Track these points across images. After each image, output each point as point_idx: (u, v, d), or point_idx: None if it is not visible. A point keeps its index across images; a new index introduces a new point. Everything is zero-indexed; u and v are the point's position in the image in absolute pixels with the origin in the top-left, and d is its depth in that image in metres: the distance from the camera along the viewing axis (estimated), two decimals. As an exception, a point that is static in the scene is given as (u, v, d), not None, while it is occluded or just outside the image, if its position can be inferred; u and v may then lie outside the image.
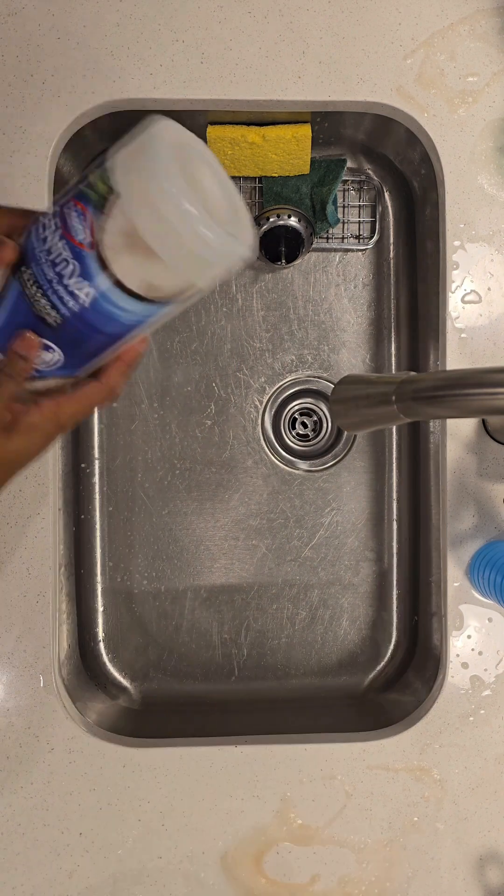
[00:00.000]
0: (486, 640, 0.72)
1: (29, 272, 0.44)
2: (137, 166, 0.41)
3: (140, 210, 0.41)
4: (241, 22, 0.71)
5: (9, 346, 0.45)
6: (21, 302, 0.45)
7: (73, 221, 0.43)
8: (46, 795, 0.69)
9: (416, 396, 0.51)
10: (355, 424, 0.58)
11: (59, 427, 0.48)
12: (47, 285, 0.43)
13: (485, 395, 0.47)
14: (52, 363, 0.46)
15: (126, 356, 0.49)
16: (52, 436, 0.49)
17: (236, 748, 0.70)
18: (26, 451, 0.48)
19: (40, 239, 0.44)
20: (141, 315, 0.45)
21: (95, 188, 0.43)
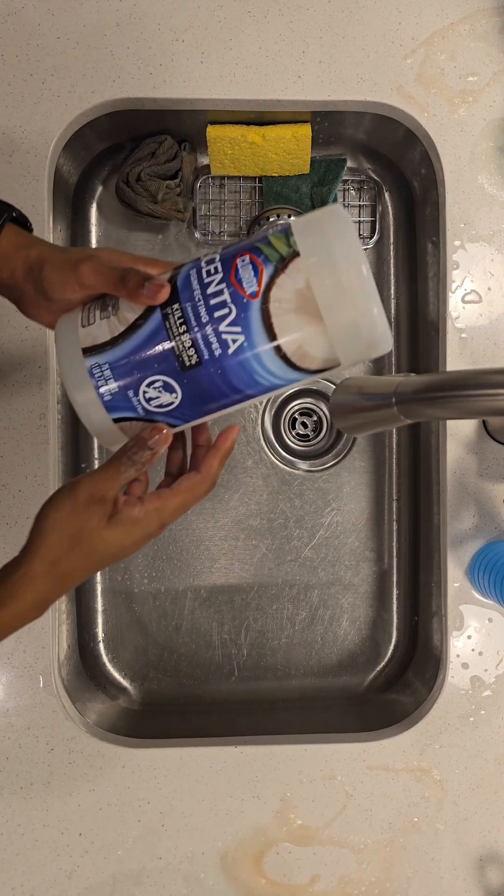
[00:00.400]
0: (487, 641, 0.72)
1: (179, 310, 0.44)
2: (322, 233, 0.43)
3: (320, 272, 0.42)
4: (241, 21, 0.71)
5: (142, 435, 0.46)
6: (160, 336, 0.44)
7: (244, 272, 0.43)
8: (46, 796, 0.69)
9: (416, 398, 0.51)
10: (356, 427, 0.58)
11: (161, 524, 0.47)
12: (198, 326, 0.43)
13: (485, 396, 0.47)
14: (165, 406, 0.45)
15: (222, 444, 0.49)
16: (152, 533, 0.48)
17: (236, 748, 0.70)
18: (122, 544, 0.47)
19: (201, 282, 0.44)
20: (275, 380, 0.45)
21: (274, 246, 0.43)
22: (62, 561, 0.46)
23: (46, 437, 0.70)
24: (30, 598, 0.46)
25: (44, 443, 0.70)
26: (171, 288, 0.44)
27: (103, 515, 0.46)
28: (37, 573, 0.46)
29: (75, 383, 0.45)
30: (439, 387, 0.50)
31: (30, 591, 0.46)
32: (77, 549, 0.46)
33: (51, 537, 0.46)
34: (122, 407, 0.45)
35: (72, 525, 0.46)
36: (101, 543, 0.46)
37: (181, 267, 0.46)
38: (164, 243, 0.81)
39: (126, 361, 0.44)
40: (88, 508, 0.46)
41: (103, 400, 0.45)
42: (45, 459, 0.70)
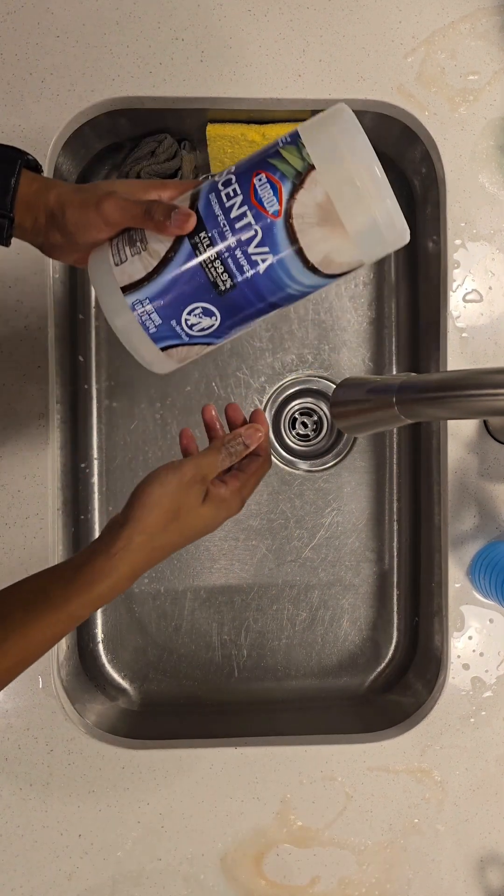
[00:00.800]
0: (488, 641, 0.71)
1: (207, 238, 0.45)
2: (333, 142, 0.44)
3: (337, 182, 0.43)
4: (241, 20, 0.70)
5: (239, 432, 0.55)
6: (193, 266, 0.46)
7: (263, 192, 0.44)
8: (45, 797, 0.69)
9: (417, 398, 0.51)
10: (356, 427, 0.58)
11: (241, 501, 0.54)
12: (227, 252, 0.45)
13: (485, 396, 0.47)
14: (206, 328, 0.48)
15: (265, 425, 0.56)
16: (234, 511, 0.54)
17: (236, 749, 0.70)
18: (212, 520, 0.53)
19: (223, 207, 0.45)
20: (307, 287, 0.47)
21: (288, 161, 0.45)
22: (160, 535, 0.50)
23: (46, 438, 0.70)
24: (126, 570, 0.49)
25: (43, 443, 0.70)
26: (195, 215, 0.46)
27: (201, 494, 0.52)
28: (135, 545, 0.49)
29: (122, 323, 0.48)
30: (440, 387, 0.50)
31: (128, 562, 0.49)
32: (175, 524, 0.51)
33: (154, 511, 0.50)
34: (168, 336, 0.48)
35: (175, 501, 0.50)
36: (197, 519, 0.52)
37: (198, 190, 0.47)
38: (164, 243, 0.81)
39: (165, 294, 0.47)
40: (192, 487, 0.51)
41: (150, 333, 0.48)
42: (44, 459, 0.70)
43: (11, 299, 0.69)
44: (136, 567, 0.49)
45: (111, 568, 0.48)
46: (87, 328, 0.81)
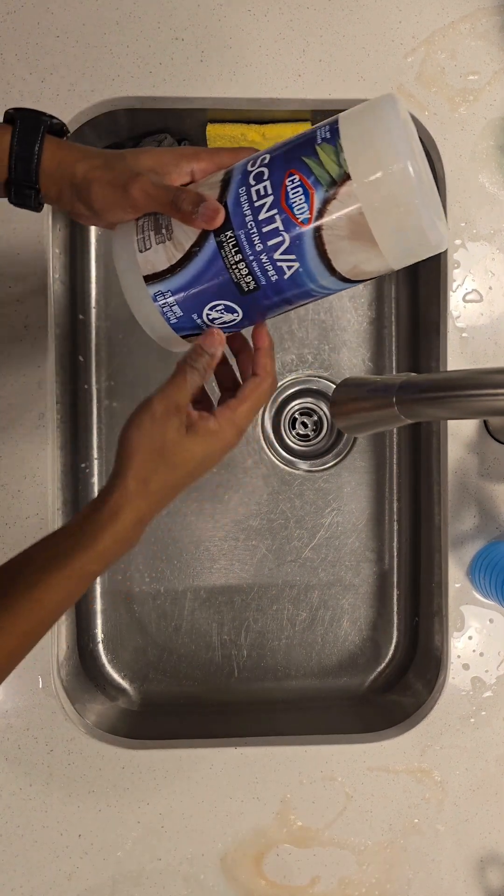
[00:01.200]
0: (488, 641, 0.71)
1: (233, 239, 0.44)
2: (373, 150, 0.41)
3: (372, 200, 0.41)
4: (241, 20, 0.70)
5: (198, 343, 0.48)
6: (217, 265, 0.45)
7: (294, 196, 0.42)
8: (45, 797, 0.69)
9: (417, 398, 0.51)
10: (356, 427, 0.58)
11: (237, 430, 0.50)
12: (253, 255, 0.44)
13: (485, 396, 0.47)
14: (227, 322, 0.48)
15: (263, 343, 0.51)
16: (230, 442, 0.50)
17: (236, 749, 0.70)
18: (204, 453, 0.49)
19: (252, 206, 0.43)
20: (332, 289, 0.47)
21: (325, 166, 0.42)
22: (152, 477, 0.48)
23: (45, 437, 0.70)
24: (129, 517, 0.47)
25: (43, 443, 0.70)
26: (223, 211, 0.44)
27: (181, 425, 0.48)
28: (131, 492, 0.47)
29: (143, 313, 0.47)
30: (440, 387, 0.50)
31: (128, 510, 0.47)
32: (164, 462, 0.48)
33: (138, 455, 0.48)
34: (188, 327, 0.48)
35: (155, 439, 0.48)
36: (186, 453, 0.48)
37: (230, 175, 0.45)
38: (164, 243, 0.81)
39: (188, 289, 0.46)
40: (167, 419, 0.48)
41: (170, 323, 0.48)
42: (43, 459, 0.70)
43: (11, 299, 0.69)
44: (140, 513, 0.48)
45: (112, 516, 0.47)
46: (87, 328, 0.81)
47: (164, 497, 0.49)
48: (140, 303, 0.47)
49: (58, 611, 0.47)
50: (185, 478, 0.49)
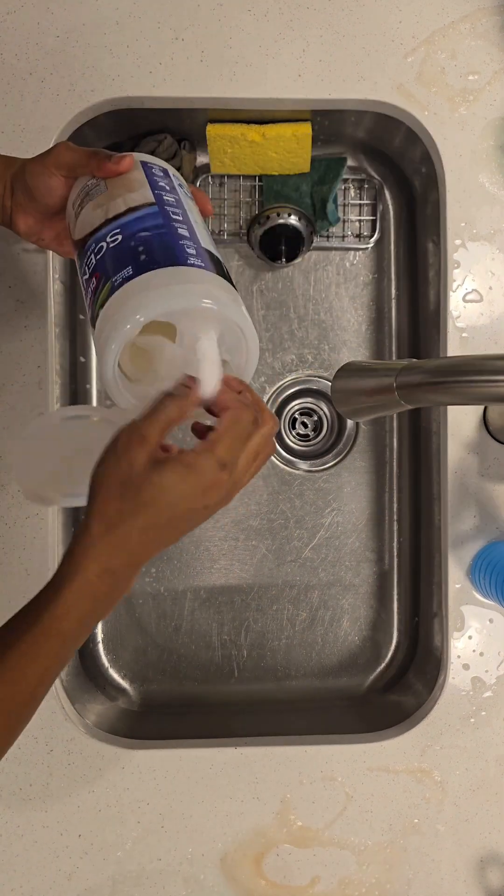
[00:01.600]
0: (488, 641, 0.71)
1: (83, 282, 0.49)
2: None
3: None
4: (241, 20, 0.70)
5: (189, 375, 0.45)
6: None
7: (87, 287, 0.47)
8: (45, 797, 0.69)
9: (417, 383, 0.50)
10: (357, 411, 0.57)
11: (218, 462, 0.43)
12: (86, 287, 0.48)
13: (486, 382, 0.47)
14: None
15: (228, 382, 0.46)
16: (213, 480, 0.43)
17: (236, 749, 0.70)
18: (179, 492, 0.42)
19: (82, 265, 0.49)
20: None
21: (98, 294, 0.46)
22: (117, 518, 0.42)
23: (46, 437, 0.70)
24: (92, 567, 0.42)
25: (43, 443, 0.70)
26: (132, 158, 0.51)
27: (148, 457, 0.42)
28: (94, 538, 0.42)
29: None
30: (440, 372, 0.50)
31: (91, 559, 0.42)
32: (128, 500, 0.42)
33: (100, 495, 0.43)
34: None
35: (117, 473, 0.42)
36: (153, 488, 0.42)
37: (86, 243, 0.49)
38: (164, 242, 0.81)
39: None
40: (129, 451, 0.42)
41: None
42: (44, 459, 0.70)
43: (11, 299, 0.69)
44: (104, 562, 0.42)
45: (75, 567, 0.42)
46: (86, 328, 0.81)
47: (136, 542, 0.43)
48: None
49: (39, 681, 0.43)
50: (157, 519, 0.43)
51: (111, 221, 0.47)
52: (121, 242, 0.46)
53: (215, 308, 0.43)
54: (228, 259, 0.82)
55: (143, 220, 0.46)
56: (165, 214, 0.47)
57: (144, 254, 0.44)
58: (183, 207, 0.50)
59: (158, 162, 0.53)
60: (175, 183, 0.52)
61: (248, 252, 0.81)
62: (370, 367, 0.57)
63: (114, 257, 0.45)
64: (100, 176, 0.50)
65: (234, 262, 0.82)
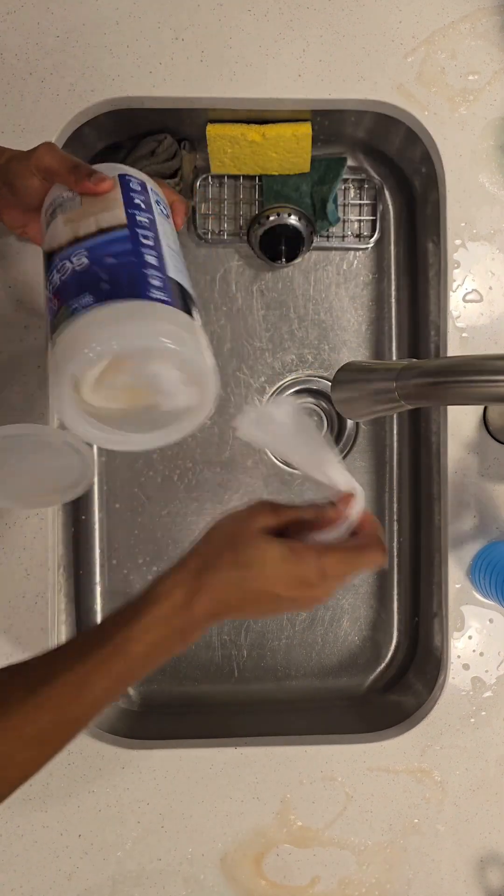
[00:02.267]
0: (488, 641, 0.71)
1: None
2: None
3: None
4: (241, 20, 0.70)
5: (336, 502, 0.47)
6: None
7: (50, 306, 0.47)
8: (45, 797, 0.69)
9: (417, 383, 0.50)
10: (357, 411, 0.58)
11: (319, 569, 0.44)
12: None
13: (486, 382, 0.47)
14: None
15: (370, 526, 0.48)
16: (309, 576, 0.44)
17: (236, 749, 0.70)
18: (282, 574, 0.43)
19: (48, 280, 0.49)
20: None
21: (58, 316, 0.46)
22: (214, 563, 0.44)
23: (46, 437, 0.70)
24: (178, 595, 0.43)
25: (43, 443, 0.70)
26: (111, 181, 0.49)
27: (265, 526, 0.45)
28: (187, 572, 0.44)
29: None
30: (440, 372, 0.50)
31: (177, 589, 0.43)
32: (230, 551, 0.44)
33: (211, 537, 0.45)
34: None
35: (234, 526, 0.45)
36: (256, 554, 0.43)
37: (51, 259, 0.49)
38: (164, 242, 0.81)
39: None
40: (253, 515, 0.45)
41: None
42: (44, 459, 0.70)
43: (11, 299, 0.69)
44: (188, 595, 0.43)
45: (161, 593, 0.43)
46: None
47: (221, 592, 0.44)
48: None
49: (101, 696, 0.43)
50: (248, 583, 0.44)
51: (79, 241, 0.46)
52: (86, 267, 0.45)
53: (174, 348, 0.43)
54: (228, 259, 0.82)
55: (111, 245, 0.46)
56: (135, 239, 0.46)
57: (107, 283, 0.44)
58: (155, 229, 0.49)
59: (138, 175, 0.52)
60: (152, 199, 0.51)
61: (248, 252, 0.81)
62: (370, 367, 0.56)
63: (77, 282, 0.45)
64: (77, 192, 0.49)
65: (234, 262, 0.82)
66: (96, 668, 0.42)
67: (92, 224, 0.47)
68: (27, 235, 0.56)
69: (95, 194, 0.49)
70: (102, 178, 0.49)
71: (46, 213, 0.51)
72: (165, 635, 0.43)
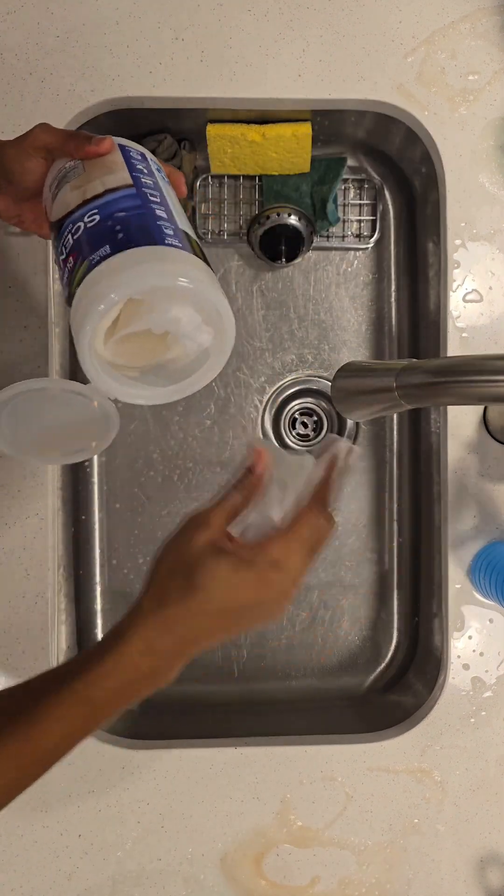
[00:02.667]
0: (488, 641, 0.71)
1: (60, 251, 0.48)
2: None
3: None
4: (241, 20, 0.70)
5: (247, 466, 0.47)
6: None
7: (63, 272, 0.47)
8: (45, 797, 0.69)
9: (417, 383, 0.50)
10: (357, 411, 0.58)
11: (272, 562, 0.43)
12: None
13: (485, 382, 0.47)
14: None
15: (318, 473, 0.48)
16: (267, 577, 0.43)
17: (236, 749, 0.70)
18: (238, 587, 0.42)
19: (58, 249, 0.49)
20: None
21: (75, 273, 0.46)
22: (168, 598, 0.42)
23: (46, 437, 0.70)
24: (136, 641, 0.42)
25: (43, 443, 0.70)
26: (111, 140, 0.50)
27: (208, 542, 0.43)
28: (143, 613, 0.42)
29: None
30: (440, 372, 0.50)
31: (135, 633, 0.42)
32: (183, 580, 0.42)
33: (158, 572, 0.44)
34: None
35: (176, 553, 0.44)
36: (208, 573, 0.42)
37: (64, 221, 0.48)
38: (164, 242, 0.81)
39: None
40: (194, 533, 0.44)
41: None
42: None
43: (11, 299, 0.69)
44: (149, 639, 0.42)
45: (118, 639, 0.42)
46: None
47: (184, 626, 0.42)
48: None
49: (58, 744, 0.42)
50: (208, 605, 0.42)
51: (88, 202, 0.47)
52: (98, 222, 0.45)
53: (191, 287, 0.43)
54: (228, 259, 0.82)
55: (121, 202, 0.46)
56: (143, 196, 0.47)
57: (122, 233, 0.44)
58: (161, 190, 0.49)
59: (136, 146, 0.53)
60: (153, 167, 0.52)
61: (248, 252, 0.81)
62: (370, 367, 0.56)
63: (91, 237, 0.45)
64: (78, 157, 0.49)
65: (234, 262, 0.82)
66: (54, 712, 0.41)
67: (98, 186, 0.47)
68: (22, 225, 0.55)
69: (98, 155, 0.49)
70: (101, 140, 0.49)
71: (52, 187, 0.50)
72: (129, 681, 0.42)
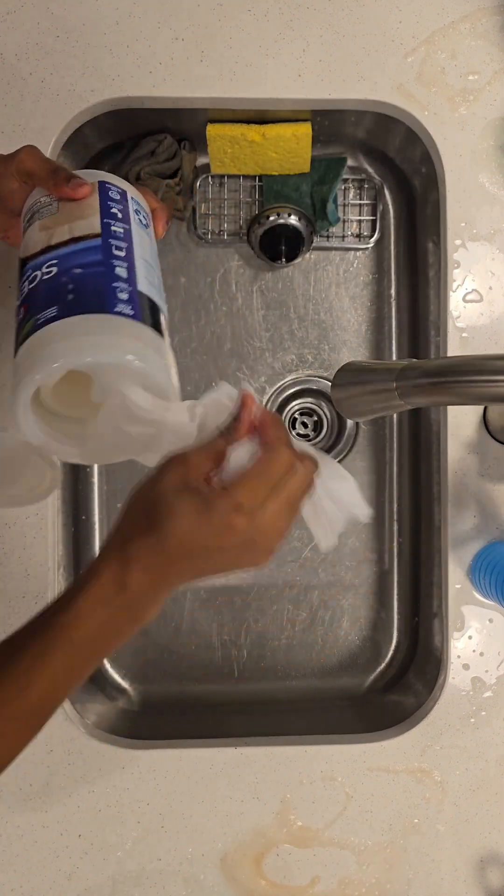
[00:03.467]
0: (488, 641, 0.71)
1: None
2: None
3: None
4: (241, 20, 0.70)
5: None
6: None
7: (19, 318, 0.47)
8: (45, 797, 0.69)
9: (417, 383, 0.50)
10: (357, 411, 0.58)
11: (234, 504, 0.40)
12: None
13: (485, 382, 0.47)
14: None
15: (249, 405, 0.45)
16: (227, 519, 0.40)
17: (236, 749, 0.70)
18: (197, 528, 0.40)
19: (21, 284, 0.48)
20: None
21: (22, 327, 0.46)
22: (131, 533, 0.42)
23: (46, 437, 0.70)
24: (106, 576, 0.41)
25: (43, 443, 0.70)
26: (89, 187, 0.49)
27: (179, 479, 0.41)
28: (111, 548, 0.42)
29: None
30: (440, 372, 0.50)
31: (105, 568, 0.41)
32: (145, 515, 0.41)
33: (126, 509, 0.43)
34: None
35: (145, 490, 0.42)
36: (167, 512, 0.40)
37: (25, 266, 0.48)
38: (164, 242, 0.81)
39: None
40: (165, 470, 0.42)
41: None
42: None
43: (11, 299, 0.69)
44: (116, 571, 0.41)
45: (89, 576, 0.42)
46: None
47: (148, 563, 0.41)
48: None
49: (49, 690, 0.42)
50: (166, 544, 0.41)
51: (51, 250, 0.46)
52: (53, 276, 0.45)
53: (136, 364, 0.42)
54: (228, 259, 0.82)
55: (82, 255, 0.45)
56: (107, 250, 0.46)
57: (73, 293, 0.43)
58: (130, 240, 0.48)
59: (119, 183, 0.52)
60: (130, 208, 0.51)
61: (248, 252, 0.81)
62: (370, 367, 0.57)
63: (43, 292, 0.44)
64: (55, 196, 0.49)
65: (234, 262, 0.82)
66: (39, 657, 0.41)
67: (66, 232, 0.46)
68: (8, 240, 0.55)
69: (72, 199, 0.48)
70: (81, 184, 0.48)
71: (25, 218, 0.50)
72: (107, 617, 0.41)
